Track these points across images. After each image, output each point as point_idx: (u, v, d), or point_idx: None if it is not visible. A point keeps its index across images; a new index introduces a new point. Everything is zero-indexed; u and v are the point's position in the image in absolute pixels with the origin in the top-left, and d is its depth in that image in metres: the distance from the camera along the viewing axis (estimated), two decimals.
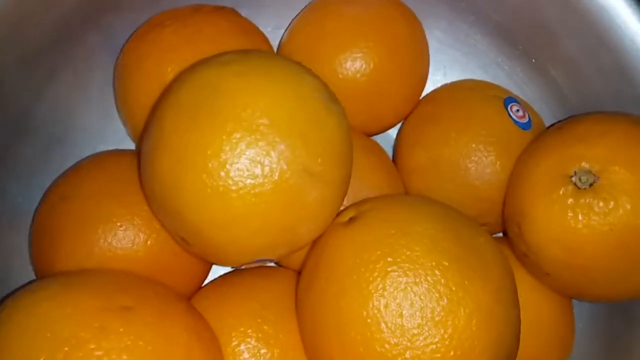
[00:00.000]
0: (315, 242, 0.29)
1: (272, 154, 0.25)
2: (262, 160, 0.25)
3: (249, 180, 0.25)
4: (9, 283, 0.33)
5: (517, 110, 0.35)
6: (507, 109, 0.35)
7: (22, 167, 0.35)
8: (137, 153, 0.32)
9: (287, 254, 0.28)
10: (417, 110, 0.38)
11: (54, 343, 0.23)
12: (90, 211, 0.30)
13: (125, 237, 0.30)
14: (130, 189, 0.30)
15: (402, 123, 0.39)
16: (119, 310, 0.24)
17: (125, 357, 0.23)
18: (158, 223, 0.30)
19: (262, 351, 0.29)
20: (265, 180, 0.25)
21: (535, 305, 0.32)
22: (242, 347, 0.29)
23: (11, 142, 0.34)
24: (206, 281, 0.35)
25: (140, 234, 0.30)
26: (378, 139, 0.39)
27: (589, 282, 0.29)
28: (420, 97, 0.39)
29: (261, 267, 0.34)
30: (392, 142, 0.41)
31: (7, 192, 0.34)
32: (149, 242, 0.30)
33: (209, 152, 0.25)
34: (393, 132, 0.40)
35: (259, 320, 0.30)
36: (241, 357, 0.29)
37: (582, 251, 0.27)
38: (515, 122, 0.35)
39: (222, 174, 0.25)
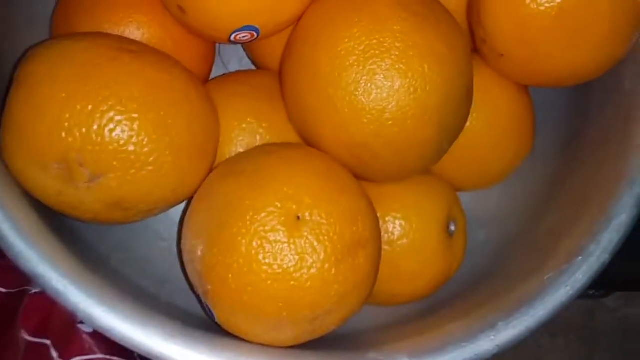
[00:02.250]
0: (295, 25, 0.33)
1: None
2: None
3: None
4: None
5: None
6: None
7: None
8: None
9: (271, 26, 0.32)
10: None
11: (74, 70, 0.27)
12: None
13: (132, 25, 0.33)
14: None
15: None
16: (127, 50, 0.28)
17: (133, 81, 0.27)
18: (162, 11, 0.33)
19: (251, 121, 0.34)
20: None
21: (494, 94, 0.36)
22: (234, 120, 0.34)
23: None
24: None
25: (145, 22, 0.33)
26: None
27: (537, 58, 0.33)
28: None
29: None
30: None
31: None
32: (153, 29, 0.33)
33: None
34: None
35: (249, 97, 0.34)
36: (234, 130, 0.34)
37: (530, 24, 0.31)
38: None
39: None
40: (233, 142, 0.34)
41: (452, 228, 0.35)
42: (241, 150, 0.33)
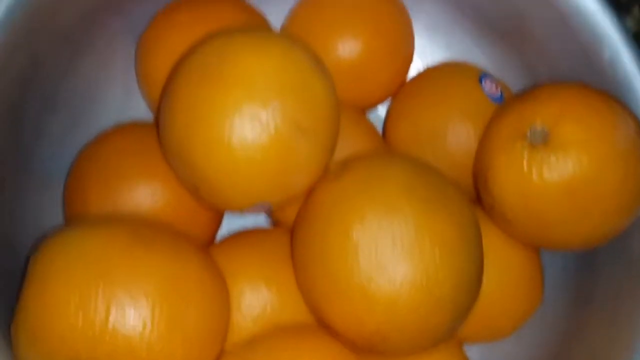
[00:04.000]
0: (306, 197, 0.33)
1: (269, 110, 0.30)
2: (259, 116, 0.29)
3: (249, 133, 0.30)
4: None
5: (490, 86, 0.39)
6: (481, 84, 0.39)
7: (53, 136, 0.39)
8: (156, 121, 0.37)
9: (282, 201, 0.33)
10: (403, 89, 0.42)
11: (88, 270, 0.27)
12: (115, 170, 0.35)
13: (146, 194, 0.34)
14: (151, 151, 0.35)
15: (390, 101, 0.43)
16: (142, 240, 0.29)
17: (147, 277, 0.27)
18: (174, 179, 0.34)
19: (262, 289, 0.34)
20: (263, 133, 0.30)
21: (504, 255, 0.36)
22: (245, 286, 0.34)
23: (43, 113, 0.38)
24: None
25: (159, 190, 0.34)
26: (371, 116, 0.43)
27: (544, 228, 0.33)
28: (408, 78, 0.43)
29: (261, 228, 0.38)
30: (381, 122, 0.45)
31: (38, 157, 0.38)
32: (167, 198, 0.34)
33: (215, 110, 0.30)
34: (383, 113, 0.45)
35: (260, 264, 0.34)
36: (244, 295, 0.34)
37: (537, 199, 0.32)
38: (488, 95, 0.39)
39: (227, 128, 0.30)
40: (241, 311, 0.33)
41: None
42: (250, 320, 0.33)
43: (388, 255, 0.29)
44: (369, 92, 0.42)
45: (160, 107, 0.32)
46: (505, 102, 0.36)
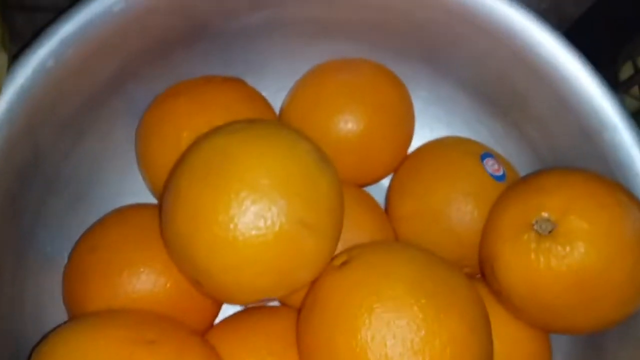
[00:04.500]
0: (312, 284, 0.33)
1: (273, 209, 0.29)
2: (264, 214, 0.29)
3: (253, 232, 0.29)
4: (41, 321, 0.37)
5: (493, 164, 0.39)
6: (483, 163, 0.39)
7: (52, 219, 0.39)
8: (157, 206, 0.37)
9: (287, 294, 0.32)
10: (405, 165, 0.42)
11: None
12: (116, 258, 0.34)
13: (147, 281, 0.34)
14: (151, 238, 0.34)
15: (393, 175, 0.43)
16: (145, 343, 0.28)
17: None
18: (175, 268, 0.34)
19: None
20: (268, 231, 0.29)
21: (512, 338, 0.35)
22: None
23: (43, 196, 0.38)
24: (217, 320, 0.39)
25: (160, 277, 0.34)
26: (372, 189, 0.43)
27: (553, 316, 0.33)
28: (408, 152, 0.43)
29: (266, 306, 0.38)
30: (384, 192, 0.45)
31: (38, 240, 0.38)
32: (167, 285, 0.34)
33: (219, 208, 0.29)
34: (386, 182, 0.44)
35: (264, 351, 0.34)
36: None
37: (545, 289, 0.31)
38: (491, 174, 0.39)
39: (231, 226, 0.29)
40: None
41: None
42: None
43: (397, 357, 0.28)
44: (371, 169, 0.42)
45: (162, 202, 0.32)
46: (510, 189, 0.36)
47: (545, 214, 0.32)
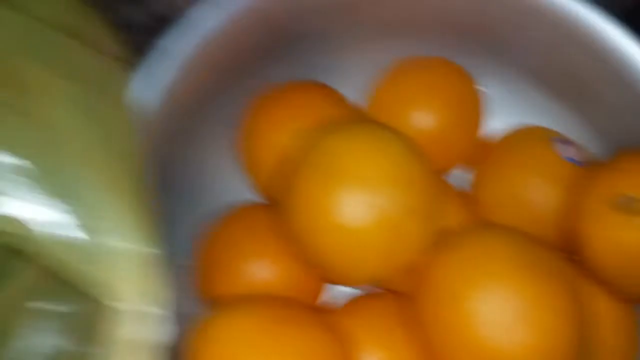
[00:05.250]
0: (418, 268, 0.36)
1: (380, 197, 0.33)
2: (372, 203, 0.33)
3: (365, 219, 0.33)
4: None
5: (570, 150, 0.42)
6: (559, 148, 0.42)
7: (171, 219, 0.43)
8: (267, 203, 0.41)
9: (393, 277, 0.36)
10: (487, 157, 0.45)
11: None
12: (236, 252, 0.39)
13: (264, 268, 0.39)
14: (263, 232, 0.40)
15: (475, 169, 0.46)
16: (282, 321, 0.33)
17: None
18: (285, 257, 0.39)
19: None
20: (374, 219, 0.33)
21: (599, 312, 0.38)
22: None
23: (163, 199, 0.42)
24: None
25: (273, 265, 0.39)
26: None
27: None
28: (480, 141, 0.46)
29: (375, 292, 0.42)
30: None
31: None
32: (279, 272, 0.39)
33: (334, 201, 0.34)
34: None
35: (380, 331, 0.38)
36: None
37: (634, 258, 0.34)
38: (569, 159, 0.42)
39: (345, 215, 0.33)
40: None
41: None
42: None
43: (511, 324, 0.31)
44: (444, 160, 0.45)
45: (283, 201, 0.36)
46: (592, 170, 0.38)
47: (631, 193, 0.34)
